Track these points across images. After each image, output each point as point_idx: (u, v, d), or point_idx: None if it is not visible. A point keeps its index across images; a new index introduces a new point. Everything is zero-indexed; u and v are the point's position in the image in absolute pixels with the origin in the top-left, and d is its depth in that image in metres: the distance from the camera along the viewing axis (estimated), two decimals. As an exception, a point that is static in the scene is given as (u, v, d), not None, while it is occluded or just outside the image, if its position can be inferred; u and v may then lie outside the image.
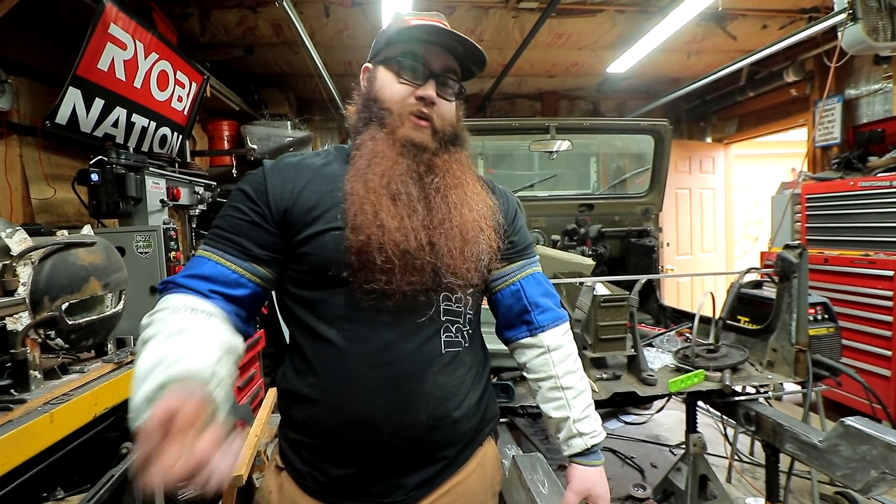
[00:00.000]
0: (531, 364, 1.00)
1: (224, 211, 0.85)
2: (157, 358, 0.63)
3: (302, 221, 0.81)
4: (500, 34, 3.70)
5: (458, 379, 0.87)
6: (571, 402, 0.96)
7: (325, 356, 0.82)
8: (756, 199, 7.75)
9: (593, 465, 0.96)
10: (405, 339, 0.82)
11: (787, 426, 1.59)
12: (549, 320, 0.99)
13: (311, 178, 0.85)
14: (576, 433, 0.95)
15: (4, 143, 2.11)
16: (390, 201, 0.81)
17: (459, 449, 0.90)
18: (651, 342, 2.22)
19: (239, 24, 3.35)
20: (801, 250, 1.84)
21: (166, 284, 0.80)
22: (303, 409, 0.84)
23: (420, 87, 0.86)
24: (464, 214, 0.86)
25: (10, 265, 1.10)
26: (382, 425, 0.81)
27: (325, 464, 0.84)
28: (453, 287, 0.86)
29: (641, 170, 3.29)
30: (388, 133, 0.85)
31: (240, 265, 0.81)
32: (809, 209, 3.28)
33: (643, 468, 2.63)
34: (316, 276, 0.81)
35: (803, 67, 4.08)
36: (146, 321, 0.73)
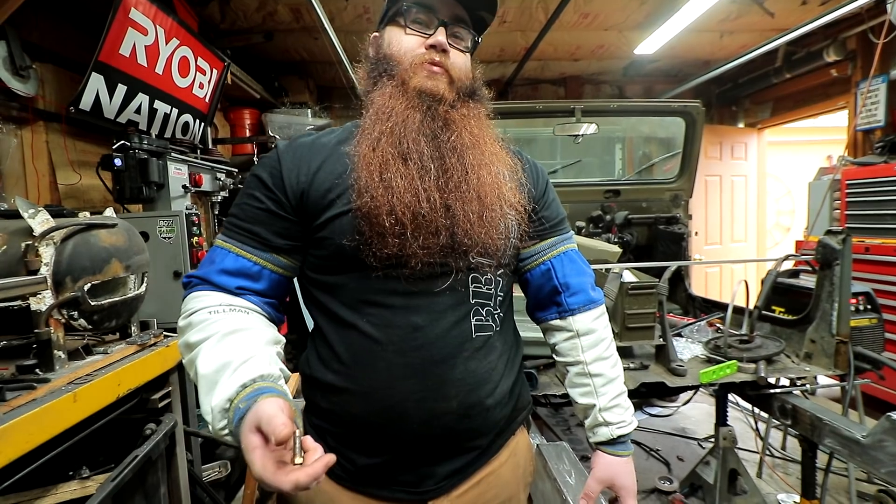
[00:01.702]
0: (560, 347, 0.96)
1: (240, 199, 0.82)
2: (222, 361, 0.65)
3: (319, 205, 0.78)
4: (523, 15, 3.59)
5: (490, 364, 0.83)
6: (599, 389, 0.92)
7: (351, 342, 0.79)
8: (789, 189, 7.46)
9: (619, 454, 0.91)
10: (433, 323, 0.78)
11: (826, 420, 1.51)
12: (579, 303, 0.93)
13: (327, 157, 0.81)
14: (602, 422, 0.91)
15: (31, 129, 2.15)
16: (400, 160, 0.75)
17: (492, 438, 0.86)
18: (680, 332, 2.14)
19: (258, 10, 3.33)
20: (845, 236, 1.75)
21: (191, 279, 0.79)
22: (328, 396, 0.82)
23: (430, 36, 0.81)
24: (482, 176, 0.79)
25: (33, 245, 1.10)
26: (412, 413, 0.77)
27: (351, 452, 0.81)
28: (481, 266, 0.81)
29: (669, 155, 3.16)
30: (397, 85, 0.80)
31: (260, 256, 0.79)
32: (850, 195, 3.12)
33: (669, 461, 2.56)
34: (336, 261, 0.79)
35: (845, 46, 3.85)
36: (184, 323, 0.74)
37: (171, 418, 1.41)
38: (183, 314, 0.76)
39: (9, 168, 2.05)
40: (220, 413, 0.62)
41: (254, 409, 0.57)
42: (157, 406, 1.38)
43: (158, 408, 1.39)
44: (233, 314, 0.73)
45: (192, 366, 0.69)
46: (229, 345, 0.68)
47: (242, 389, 0.62)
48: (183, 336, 0.74)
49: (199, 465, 1.82)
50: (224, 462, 1.95)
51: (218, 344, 0.68)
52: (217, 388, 0.63)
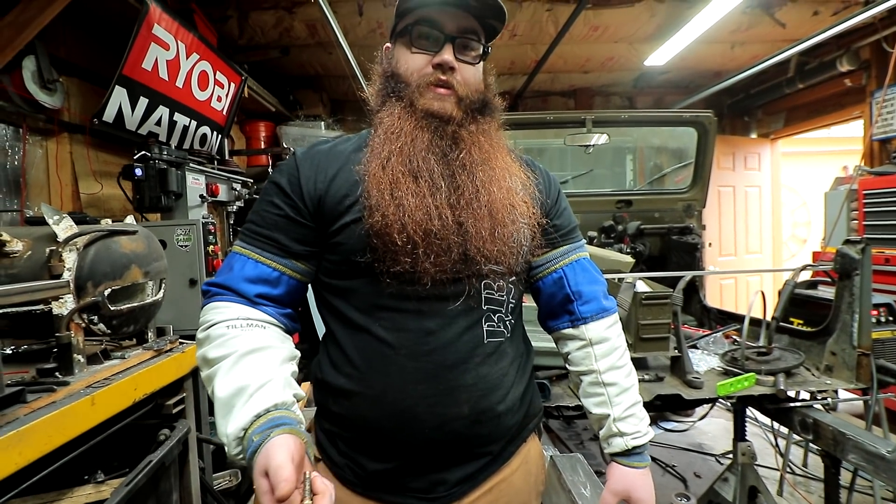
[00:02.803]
0: (573, 356, 0.95)
1: (259, 205, 0.84)
2: (238, 385, 0.67)
3: (335, 211, 0.79)
4: (533, 28, 3.62)
5: (502, 371, 0.83)
6: (613, 399, 0.90)
7: (363, 346, 0.80)
8: (804, 200, 7.36)
9: (635, 466, 0.89)
10: (445, 328, 0.78)
11: (850, 435, 1.46)
12: (592, 311, 0.93)
13: (343, 165, 0.82)
14: (616, 432, 0.89)
15: (56, 140, 2.22)
16: (410, 179, 0.76)
17: (503, 445, 0.86)
18: (696, 344, 2.11)
19: (276, 26, 3.42)
20: (865, 245, 1.71)
21: (210, 288, 0.80)
22: (339, 400, 0.82)
23: (436, 54, 0.81)
24: (492, 193, 0.80)
25: (57, 251, 1.13)
26: (423, 418, 0.77)
27: (362, 457, 0.81)
28: (493, 273, 0.81)
29: (681, 165, 3.15)
30: (405, 106, 0.81)
31: (279, 262, 0.80)
32: (867, 206, 3.07)
33: (686, 478, 2.50)
34: (349, 266, 0.80)
35: (858, 56, 3.82)
36: (202, 335, 0.75)
37: (185, 424, 1.42)
38: (202, 325, 0.77)
39: (33, 177, 2.12)
40: (235, 441, 0.64)
41: (265, 451, 0.59)
42: (171, 412, 1.40)
43: (172, 413, 1.40)
44: (251, 330, 0.74)
45: (209, 382, 0.71)
46: (245, 367, 0.69)
47: (256, 420, 0.63)
48: (201, 349, 0.75)
49: (210, 473, 1.82)
50: (235, 471, 1.95)
51: (234, 366, 0.69)
52: (232, 415, 0.65)
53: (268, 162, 4.08)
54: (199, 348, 0.76)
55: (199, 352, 0.75)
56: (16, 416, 0.93)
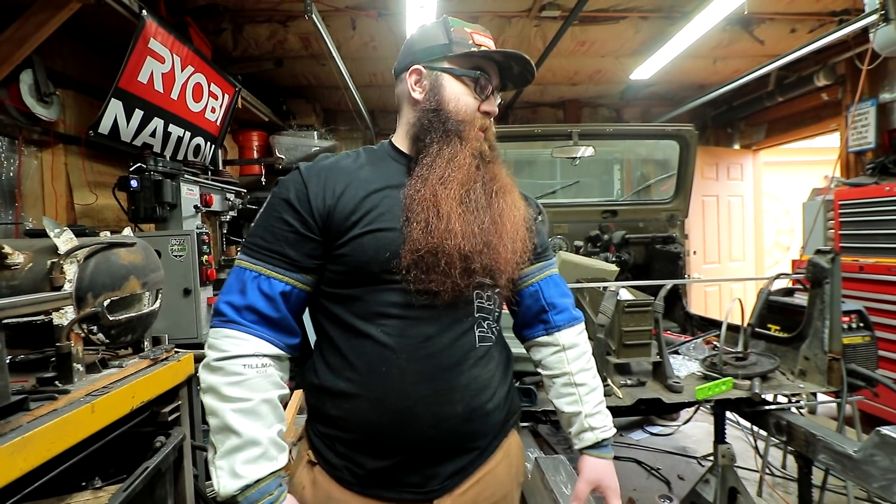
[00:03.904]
0: (546, 361, 1.05)
1: (265, 220, 0.87)
2: (251, 436, 0.77)
3: (343, 226, 0.84)
4: (522, 43, 3.72)
5: (490, 372, 0.91)
6: (584, 398, 1.00)
7: (364, 351, 0.84)
8: (787, 208, 7.53)
9: (603, 457, 0.99)
10: (443, 333, 0.85)
11: (820, 436, 1.53)
12: (565, 320, 1.04)
13: (349, 182, 0.87)
14: (587, 427, 0.99)
15: (51, 151, 2.25)
16: (462, 208, 0.85)
17: (490, 440, 0.93)
18: (677, 350, 2.18)
19: (269, 38, 3.48)
20: (834, 255, 1.80)
21: (227, 310, 0.83)
22: (339, 403, 0.86)
23: (485, 102, 0.92)
24: (515, 218, 0.92)
25: (58, 263, 1.17)
26: (422, 417, 0.83)
27: (361, 457, 0.85)
28: (485, 285, 0.90)
29: (665, 176, 3.25)
30: (461, 143, 0.89)
31: (292, 277, 0.85)
32: (843, 215, 3.18)
33: (670, 480, 2.56)
34: (354, 276, 0.84)
35: (834, 71, 3.98)
36: (217, 364, 0.79)
37: (180, 431, 1.45)
38: (215, 350, 0.80)
39: (29, 188, 2.14)
40: (233, 481, 0.76)
41: None
42: (166, 419, 1.43)
43: (168, 421, 1.43)
44: (264, 378, 0.81)
45: (214, 415, 0.78)
46: (257, 421, 0.78)
47: (246, 489, 0.76)
48: (213, 376, 0.79)
49: (204, 480, 1.85)
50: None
51: (249, 414, 0.78)
52: (240, 459, 0.76)
53: (260, 171, 4.12)
54: (210, 374, 0.80)
55: (211, 379, 0.79)
56: (19, 424, 0.96)
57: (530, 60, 0.94)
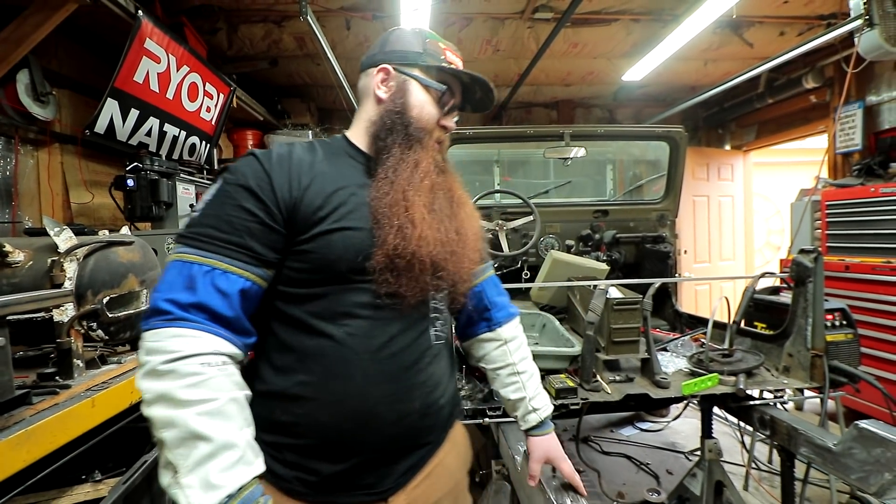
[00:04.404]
0: (490, 356, 1.12)
1: (221, 209, 0.77)
2: (224, 439, 0.65)
3: (308, 220, 0.80)
4: (515, 44, 3.77)
5: (443, 369, 0.95)
6: (526, 384, 1.10)
7: (322, 352, 0.81)
8: (778, 208, 7.63)
9: (547, 433, 1.10)
10: (405, 332, 0.86)
11: (801, 430, 1.58)
12: (505, 316, 1.12)
13: (315, 176, 0.83)
14: (531, 409, 1.09)
15: (47, 151, 2.26)
16: (428, 213, 0.87)
17: (439, 433, 0.96)
18: (665, 347, 2.22)
19: (264, 38, 3.49)
20: (817, 255, 1.84)
21: (172, 308, 0.70)
22: (289, 408, 0.81)
23: (445, 117, 0.95)
24: (474, 228, 0.97)
25: (58, 261, 1.20)
26: (384, 416, 0.83)
27: (316, 463, 0.82)
28: (439, 287, 0.92)
29: (656, 176, 3.30)
30: (423, 151, 0.91)
31: (252, 272, 0.77)
32: (830, 216, 3.24)
33: (658, 474, 2.62)
34: (319, 274, 0.81)
35: (823, 74, 4.05)
36: (165, 368, 0.66)
37: (178, 426, 1.48)
38: (161, 352, 0.67)
39: (25, 187, 2.16)
40: (209, 486, 0.63)
41: None
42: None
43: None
44: (227, 377, 0.70)
45: (170, 426, 0.64)
46: (224, 422, 0.66)
47: (227, 502, 0.63)
48: (162, 381, 0.66)
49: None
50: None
51: (216, 416, 0.66)
52: (206, 481, 0.63)
53: (255, 170, 4.12)
54: (157, 380, 0.66)
55: (159, 386, 0.66)
56: (22, 417, 0.99)
57: (494, 89, 0.98)
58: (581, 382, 1.73)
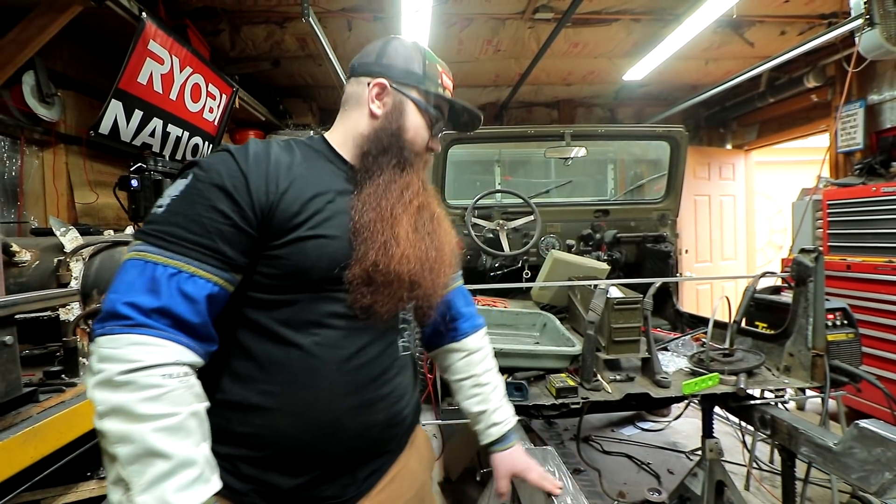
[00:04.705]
0: (455, 366, 1.11)
1: (190, 208, 0.72)
2: (184, 456, 0.62)
3: (283, 226, 0.76)
4: (516, 44, 3.77)
5: (409, 379, 0.95)
6: (489, 396, 1.09)
7: (287, 361, 0.78)
8: (780, 208, 7.61)
9: (510, 446, 1.08)
10: (374, 344, 0.85)
11: (802, 429, 1.58)
12: (471, 327, 1.12)
13: (293, 179, 0.79)
14: (493, 423, 1.07)
15: (52, 151, 2.28)
16: (416, 235, 0.87)
17: (401, 440, 0.96)
18: (666, 346, 2.23)
19: (266, 39, 3.51)
20: (817, 254, 1.85)
21: (132, 313, 0.65)
22: (249, 419, 0.77)
23: (433, 139, 0.96)
24: (450, 244, 0.97)
25: (65, 261, 1.21)
26: (348, 428, 0.81)
27: (274, 476, 0.78)
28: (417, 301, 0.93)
29: (657, 176, 3.31)
30: (413, 174, 0.91)
31: (221, 276, 0.73)
32: (831, 215, 3.24)
33: (659, 474, 2.62)
34: (290, 281, 0.78)
35: (824, 73, 4.04)
36: (122, 378, 0.61)
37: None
38: (118, 360, 0.62)
39: (30, 187, 2.18)
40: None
41: None
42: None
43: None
44: (187, 390, 0.66)
45: (125, 442, 0.60)
46: (185, 438, 0.64)
47: None
48: (118, 393, 0.61)
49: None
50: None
51: (177, 432, 0.63)
52: (163, 501, 0.60)
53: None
54: (113, 392, 0.61)
55: (115, 398, 0.61)
56: (30, 414, 1.01)
57: (481, 118, 1.01)
58: (582, 382, 1.74)
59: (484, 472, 1.71)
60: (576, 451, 2.51)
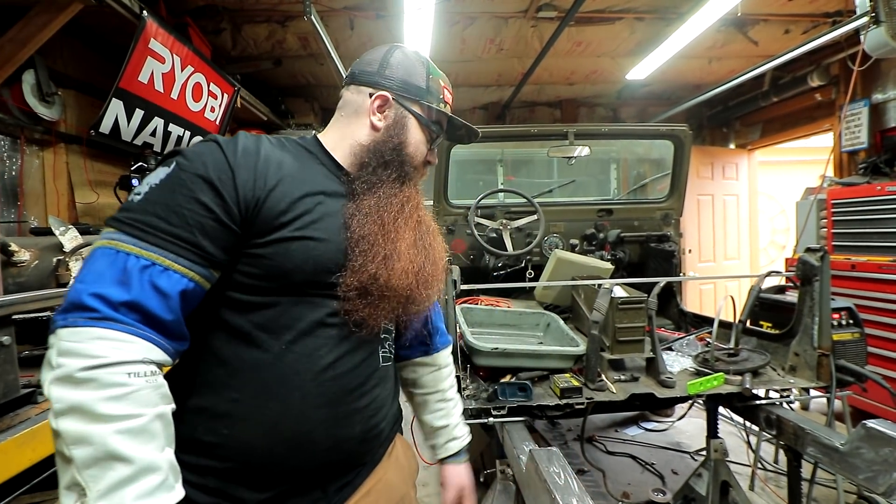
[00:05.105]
0: (423, 380, 1.10)
1: (171, 198, 0.67)
2: (147, 460, 0.59)
3: (268, 224, 0.73)
4: (519, 43, 3.76)
5: (388, 391, 0.93)
6: (452, 411, 1.11)
7: (259, 368, 0.74)
8: (783, 207, 7.59)
9: (463, 462, 1.11)
10: (352, 353, 0.81)
11: (808, 429, 1.57)
12: (443, 343, 1.12)
13: (282, 177, 0.76)
14: (453, 437, 1.10)
15: (53, 151, 2.27)
16: (414, 250, 0.86)
17: (376, 452, 0.92)
18: (671, 346, 2.21)
19: (268, 38, 3.50)
20: (823, 253, 1.83)
21: (100, 306, 0.60)
22: (215, 428, 0.73)
23: (430, 153, 0.96)
24: (442, 257, 0.96)
25: (64, 260, 1.20)
26: (319, 441, 0.77)
27: (240, 489, 0.74)
28: None
29: (661, 175, 3.29)
30: (412, 189, 0.91)
31: (198, 272, 0.69)
32: (835, 214, 3.22)
33: (663, 474, 2.60)
34: (269, 282, 0.74)
35: (828, 72, 4.02)
36: (84, 375, 0.57)
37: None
38: (80, 355, 0.58)
39: (30, 187, 2.17)
40: None
41: None
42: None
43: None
44: (153, 390, 0.62)
45: (83, 443, 0.56)
46: (150, 442, 0.60)
47: None
48: (79, 390, 0.57)
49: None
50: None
51: (140, 435, 0.59)
52: (134, 491, 0.57)
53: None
54: (73, 389, 0.57)
55: (74, 396, 0.57)
56: (28, 416, 1.00)
57: (479, 134, 1.02)
58: (586, 382, 1.72)
59: (487, 472, 1.70)
60: (580, 451, 2.50)
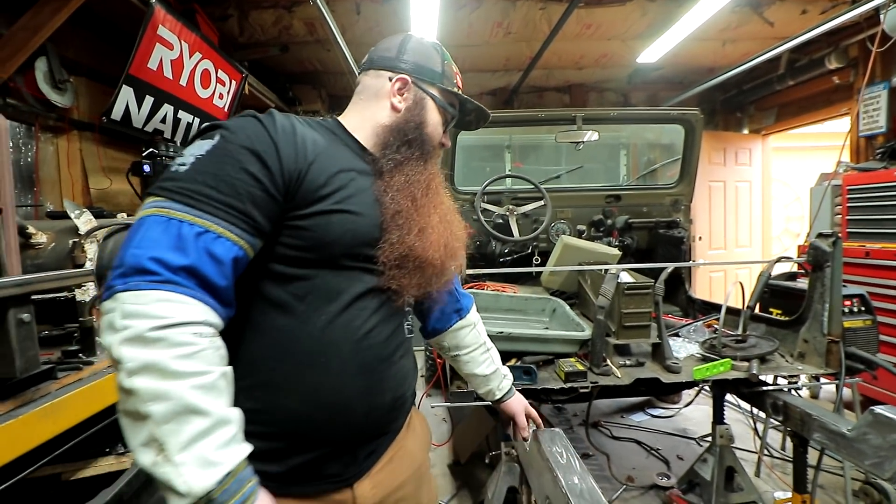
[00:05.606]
0: (466, 340, 1.20)
1: (220, 168, 0.69)
2: (222, 414, 0.61)
3: (310, 196, 0.76)
4: (527, 26, 3.70)
5: (411, 362, 0.99)
6: (495, 357, 1.25)
7: (298, 337, 0.77)
8: (798, 195, 7.46)
9: (516, 392, 1.30)
10: (383, 325, 0.86)
11: (815, 415, 1.56)
12: (469, 302, 1.22)
13: (320, 153, 0.80)
14: (504, 376, 1.26)
15: (66, 138, 2.31)
16: (438, 220, 0.92)
17: (400, 421, 0.98)
18: (678, 332, 2.21)
19: (275, 24, 3.49)
20: (835, 239, 1.81)
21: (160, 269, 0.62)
22: (256, 395, 0.76)
23: (445, 136, 1.02)
24: (462, 231, 1.01)
25: (79, 242, 1.23)
26: (355, 408, 0.82)
27: (283, 453, 0.78)
28: None
29: (670, 160, 3.25)
30: (434, 167, 0.97)
31: (248, 241, 0.71)
32: (851, 200, 3.16)
33: (669, 460, 2.62)
34: (311, 254, 0.77)
35: (846, 54, 3.91)
36: (154, 335, 0.59)
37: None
38: (146, 316, 0.59)
39: (46, 173, 2.21)
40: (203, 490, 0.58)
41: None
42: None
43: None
44: (215, 351, 0.65)
45: (161, 399, 0.57)
46: (219, 396, 0.63)
47: (225, 479, 0.60)
48: (151, 349, 0.58)
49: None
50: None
51: (210, 390, 0.61)
52: (204, 458, 0.58)
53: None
54: (145, 348, 0.58)
55: (147, 355, 0.58)
56: (48, 391, 1.04)
57: (489, 117, 1.09)
58: (591, 366, 1.73)
59: (493, 454, 1.72)
60: (585, 436, 2.52)
